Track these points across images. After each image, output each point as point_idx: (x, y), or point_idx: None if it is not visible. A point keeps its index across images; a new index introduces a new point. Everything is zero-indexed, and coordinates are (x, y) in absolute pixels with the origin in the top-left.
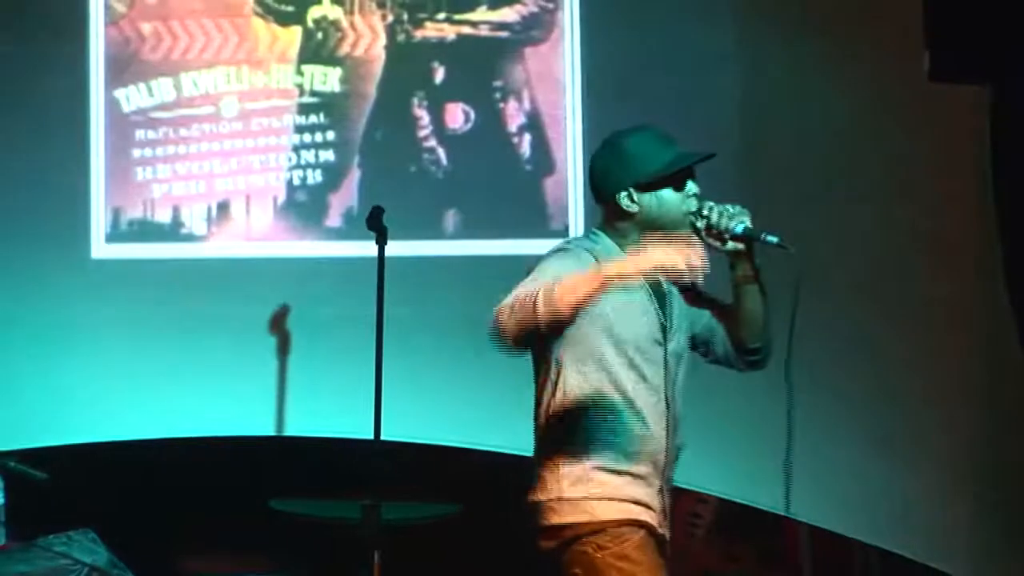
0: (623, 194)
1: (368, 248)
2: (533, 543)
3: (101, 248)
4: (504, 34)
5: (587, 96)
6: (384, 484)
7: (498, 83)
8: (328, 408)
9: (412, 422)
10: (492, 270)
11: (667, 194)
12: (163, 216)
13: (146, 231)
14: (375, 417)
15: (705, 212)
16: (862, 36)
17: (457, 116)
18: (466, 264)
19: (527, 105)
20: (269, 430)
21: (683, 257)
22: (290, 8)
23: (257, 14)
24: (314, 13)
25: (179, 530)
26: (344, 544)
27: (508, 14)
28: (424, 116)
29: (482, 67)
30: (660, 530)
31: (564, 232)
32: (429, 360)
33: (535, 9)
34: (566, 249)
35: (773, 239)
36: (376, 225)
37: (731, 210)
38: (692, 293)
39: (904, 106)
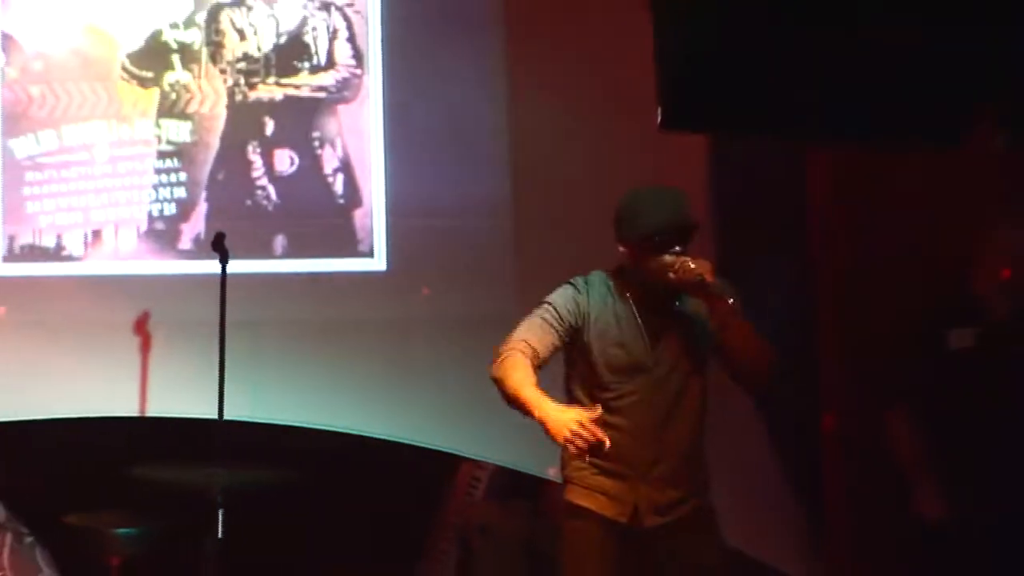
0: (620, 243)
1: (213, 267)
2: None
3: (0, 267)
4: (322, 95)
5: (388, 145)
6: (227, 456)
7: (317, 134)
8: (182, 394)
9: (252, 405)
10: (312, 283)
11: (649, 251)
12: (48, 241)
13: (35, 253)
14: (219, 401)
15: (676, 267)
16: (609, 100)
17: (284, 160)
18: (291, 278)
19: (340, 152)
20: (134, 412)
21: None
22: (149, 74)
23: (123, 78)
24: (169, 78)
25: (65, 493)
26: (193, 506)
27: (325, 78)
28: (257, 160)
29: (304, 121)
30: (621, 519)
31: (369, 253)
32: (263, 355)
33: (347, 75)
34: (572, 283)
35: (718, 290)
36: (219, 248)
37: (691, 265)
38: (714, 317)
39: (644, 153)
